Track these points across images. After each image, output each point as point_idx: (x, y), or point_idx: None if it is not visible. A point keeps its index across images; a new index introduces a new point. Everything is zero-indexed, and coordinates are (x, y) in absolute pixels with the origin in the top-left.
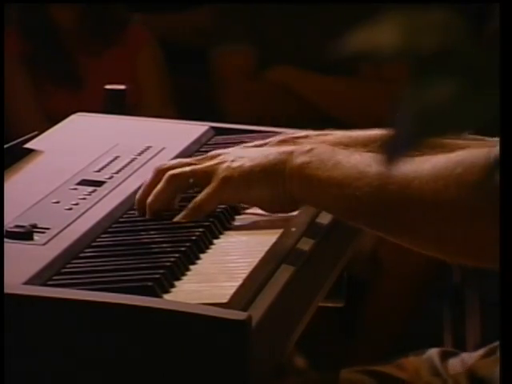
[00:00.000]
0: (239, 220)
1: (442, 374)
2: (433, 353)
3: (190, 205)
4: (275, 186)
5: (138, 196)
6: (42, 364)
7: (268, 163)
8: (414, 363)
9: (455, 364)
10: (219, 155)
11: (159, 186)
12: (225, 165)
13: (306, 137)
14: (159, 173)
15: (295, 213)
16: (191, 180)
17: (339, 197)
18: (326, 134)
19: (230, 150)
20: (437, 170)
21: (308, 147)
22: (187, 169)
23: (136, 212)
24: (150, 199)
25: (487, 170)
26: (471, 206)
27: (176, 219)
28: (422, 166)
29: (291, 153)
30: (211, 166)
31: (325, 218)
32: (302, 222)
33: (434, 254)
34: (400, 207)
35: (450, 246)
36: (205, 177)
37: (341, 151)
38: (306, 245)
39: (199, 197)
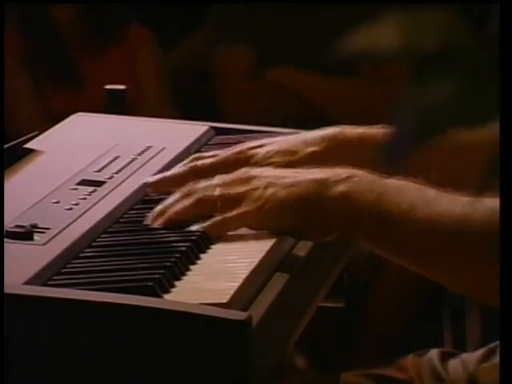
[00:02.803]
0: None
1: (443, 376)
2: (433, 354)
3: (218, 218)
4: (309, 216)
5: (158, 208)
6: (42, 364)
7: (302, 193)
8: (414, 364)
9: (456, 366)
10: (251, 179)
11: (186, 204)
12: (257, 193)
13: (260, 146)
14: (188, 193)
15: None
16: (219, 204)
17: (381, 233)
18: (280, 141)
19: (261, 171)
20: (487, 215)
21: (344, 175)
22: (216, 194)
23: (149, 220)
24: (173, 210)
25: None
26: None
27: (195, 227)
28: (475, 210)
29: (325, 181)
30: (243, 193)
31: None
32: None
33: (478, 300)
34: (444, 254)
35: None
36: (234, 204)
37: (378, 182)
38: (306, 245)
39: (229, 215)
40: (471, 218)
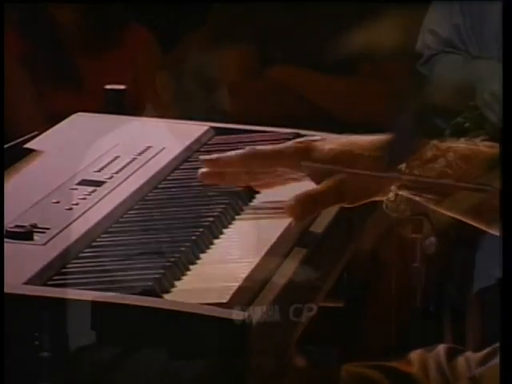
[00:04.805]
0: (239, 220)
1: (447, 373)
2: (440, 350)
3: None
4: None
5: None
6: (42, 364)
7: None
8: (421, 358)
9: (461, 364)
10: None
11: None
12: None
13: (322, 140)
14: None
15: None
16: None
17: None
18: (340, 138)
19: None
20: None
21: None
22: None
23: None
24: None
25: None
26: None
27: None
28: None
29: None
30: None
31: (324, 219)
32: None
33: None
34: None
35: None
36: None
37: None
38: (305, 246)
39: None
40: None
